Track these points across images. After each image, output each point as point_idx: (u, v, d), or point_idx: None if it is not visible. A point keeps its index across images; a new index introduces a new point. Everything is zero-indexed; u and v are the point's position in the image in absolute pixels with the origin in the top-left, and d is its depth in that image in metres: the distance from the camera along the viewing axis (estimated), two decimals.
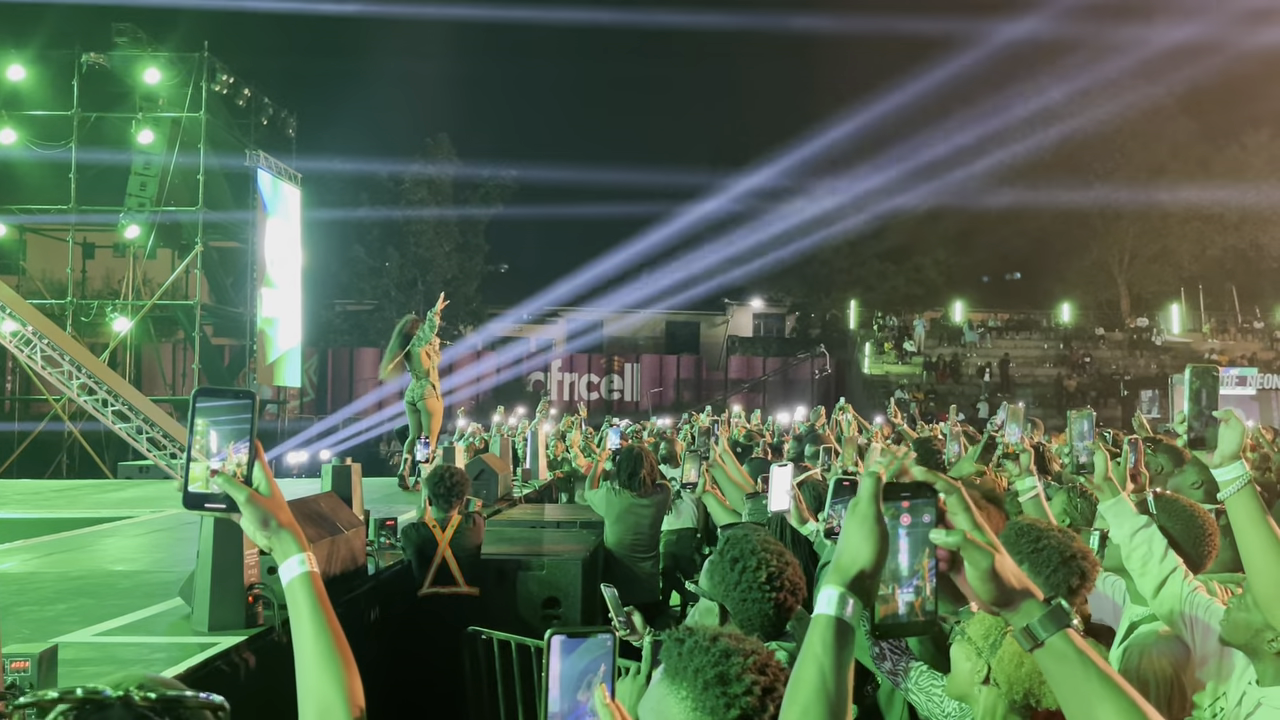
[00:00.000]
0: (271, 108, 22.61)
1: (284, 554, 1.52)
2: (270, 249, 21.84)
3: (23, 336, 14.19)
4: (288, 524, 1.52)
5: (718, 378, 36.40)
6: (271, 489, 1.53)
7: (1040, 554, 2.37)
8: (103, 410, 14.46)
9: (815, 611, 1.23)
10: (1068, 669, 1.25)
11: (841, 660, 1.20)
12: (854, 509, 1.25)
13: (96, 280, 24.40)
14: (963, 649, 2.16)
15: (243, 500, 1.48)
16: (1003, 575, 1.27)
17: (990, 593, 1.26)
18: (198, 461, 1.49)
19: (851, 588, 1.22)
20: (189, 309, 20.60)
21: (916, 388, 34.06)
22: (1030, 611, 1.27)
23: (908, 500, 1.26)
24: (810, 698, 1.18)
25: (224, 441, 1.49)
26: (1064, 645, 1.26)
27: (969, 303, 39.19)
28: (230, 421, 1.49)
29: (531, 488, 10.91)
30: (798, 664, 1.22)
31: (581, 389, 34.36)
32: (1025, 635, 1.27)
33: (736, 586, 2.50)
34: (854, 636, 1.21)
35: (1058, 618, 1.26)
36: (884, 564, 1.23)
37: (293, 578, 1.53)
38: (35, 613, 4.89)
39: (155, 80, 19.69)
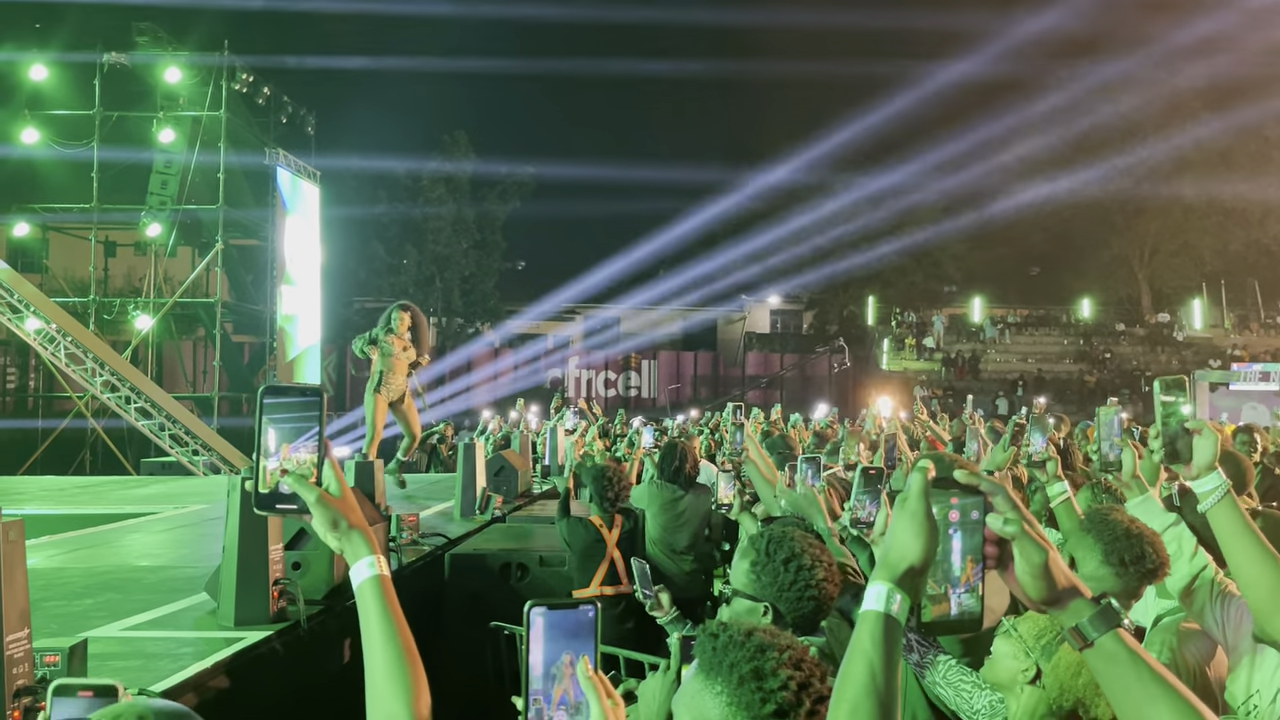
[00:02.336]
0: (291, 106, 22.72)
1: (355, 556, 1.49)
2: (290, 247, 21.96)
3: (46, 334, 14.33)
4: (359, 525, 1.49)
5: (735, 374, 36.37)
6: (342, 489, 1.50)
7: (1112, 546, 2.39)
8: (125, 407, 14.58)
9: (863, 608, 1.22)
10: (1119, 670, 1.23)
11: (891, 656, 1.19)
12: (903, 504, 1.25)
13: (118, 278, 24.59)
14: (1010, 644, 2.13)
15: (313, 501, 1.45)
16: (1054, 572, 1.25)
17: (1041, 590, 1.25)
18: (268, 461, 1.45)
19: (900, 584, 1.21)
20: (209, 306, 20.74)
21: (935, 384, 33.92)
22: (1080, 610, 1.26)
23: (956, 497, 1.25)
24: (860, 694, 1.17)
25: (292, 440, 1.46)
26: (1115, 645, 1.24)
27: (988, 299, 38.97)
28: (298, 420, 1.46)
29: (551, 484, 10.93)
30: (846, 660, 1.21)
31: (599, 386, 34.39)
32: (1075, 635, 1.26)
33: (792, 586, 2.49)
34: (901, 631, 1.21)
35: (1108, 617, 1.25)
36: (933, 560, 1.23)
37: (363, 580, 1.49)
38: (63, 607, 4.93)
39: (176, 79, 19.81)
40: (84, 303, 19.86)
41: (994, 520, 1.25)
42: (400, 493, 10.57)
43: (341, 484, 1.50)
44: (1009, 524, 1.25)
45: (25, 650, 2.83)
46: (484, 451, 8.70)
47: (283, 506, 1.46)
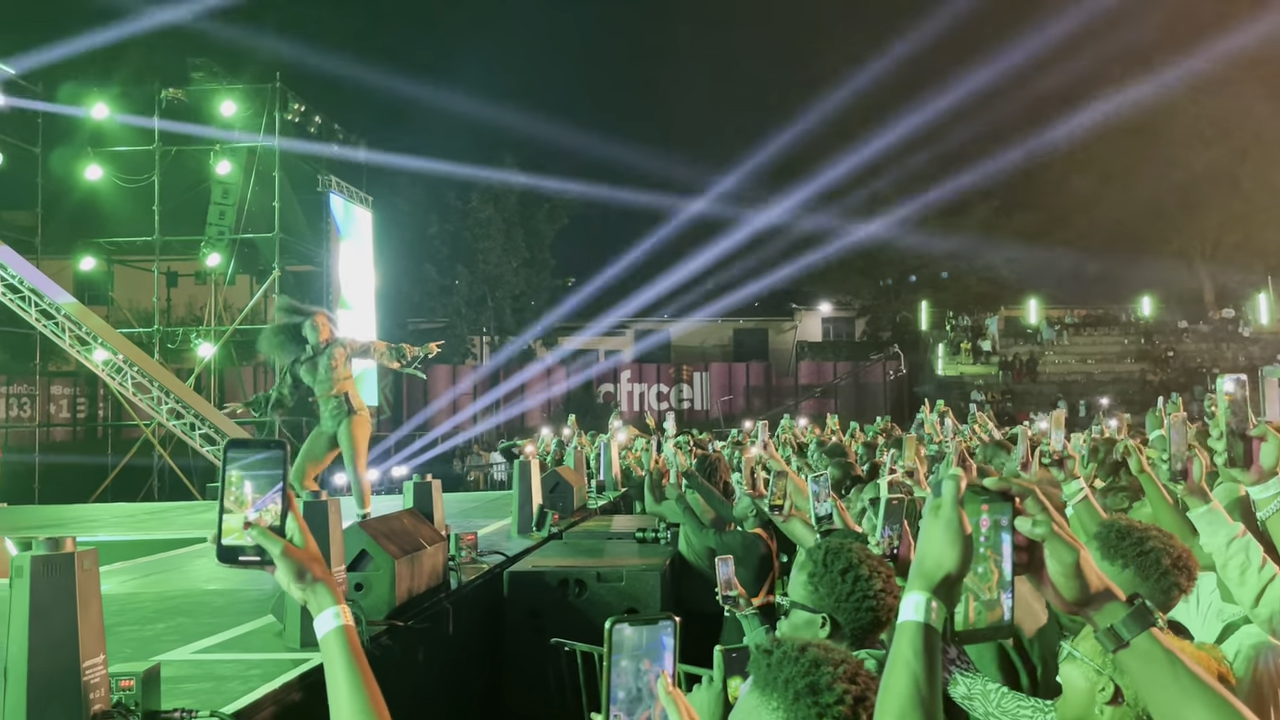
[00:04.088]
0: (342, 134, 23.16)
1: (319, 607, 1.49)
2: (344, 271, 22.35)
3: (113, 364, 14.74)
4: (323, 576, 1.48)
5: (788, 383, 36.17)
6: (306, 540, 1.49)
7: (1146, 556, 2.30)
8: (190, 433, 14.94)
9: (901, 618, 1.23)
10: (1155, 670, 1.23)
11: (932, 666, 1.20)
12: (936, 513, 1.25)
13: (180, 307, 25.20)
14: (1079, 668, 2.04)
15: (277, 553, 1.44)
16: (1086, 573, 1.25)
17: (1074, 591, 1.25)
18: (231, 514, 1.45)
19: (937, 592, 1.22)
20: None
21: (992, 388, 33.43)
22: (1114, 612, 1.26)
23: (986, 504, 1.26)
24: (905, 705, 1.18)
25: (257, 493, 1.45)
26: (1150, 646, 1.23)
27: (1044, 300, 38.33)
28: (262, 473, 1.45)
29: (606, 499, 10.98)
30: (887, 672, 1.22)
31: (651, 399, 34.41)
32: (1109, 636, 1.26)
33: (850, 596, 2.49)
34: (940, 641, 1.22)
35: (1142, 618, 1.24)
36: (968, 568, 1.23)
37: (327, 631, 1.49)
38: (136, 632, 5.07)
39: (231, 112, 20.30)
40: (148, 332, 20.40)
41: (1023, 523, 1.26)
42: (459, 510, 10.70)
43: (306, 536, 1.49)
44: (1038, 525, 1.25)
45: (101, 676, 2.92)
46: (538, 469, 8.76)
47: (246, 559, 1.46)
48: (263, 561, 1.47)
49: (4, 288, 14.43)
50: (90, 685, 2.86)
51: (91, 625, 2.91)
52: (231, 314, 21.78)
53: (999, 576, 1.24)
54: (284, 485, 1.47)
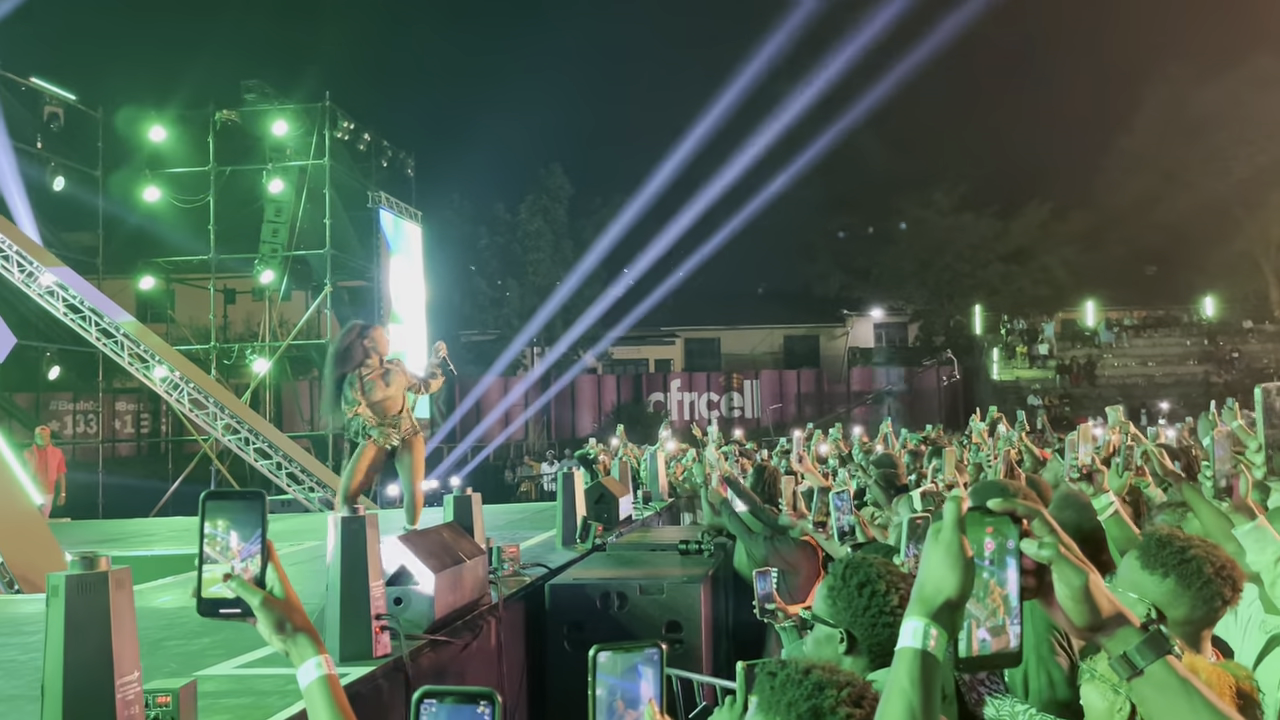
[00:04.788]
0: (390, 150, 23.49)
1: (301, 657, 1.48)
2: (395, 285, 22.63)
3: (171, 381, 15.06)
4: (303, 626, 1.48)
5: (840, 390, 35.83)
6: (286, 591, 1.48)
7: (1188, 565, 2.22)
8: (245, 448, 15.19)
9: (899, 645, 1.19)
10: (1170, 699, 1.17)
11: (929, 695, 1.16)
12: (936, 536, 1.21)
13: (238, 324, 25.71)
14: (1096, 689, 2.01)
15: (257, 604, 1.44)
16: (1096, 597, 1.20)
17: (1083, 615, 1.20)
18: (209, 567, 1.45)
19: (936, 618, 1.17)
20: (321, 348, 21.50)
21: (1049, 392, 32.83)
22: (1127, 638, 1.20)
23: (991, 527, 1.21)
24: None
25: (238, 545, 1.45)
26: (1165, 674, 1.18)
27: (1102, 301, 37.56)
28: (240, 523, 1.45)
29: (653, 510, 10.95)
30: (883, 701, 1.18)
31: (701, 408, 34.31)
32: (1123, 663, 1.20)
33: (866, 611, 2.45)
34: (939, 669, 1.17)
35: (1157, 644, 1.19)
36: (969, 593, 1.18)
37: (310, 681, 1.48)
38: (182, 646, 5.15)
39: (282, 132, 20.69)
40: (205, 349, 20.84)
41: (1029, 545, 1.20)
42: (506, 521, 10.74)
43: (285, 585, 1.49)
44: (1044, 548, 1.20)
45: (136, 693, 2.96)
46: (583, 480, 8.76)
47: (226, 611, 1.45)
48: (243, 614, 1.46)
49: (66, 308, 14.82)
50: (125, 702, 2.90)
51: (126, 642, 2.95)
52: (287, 330, 22.17)
53: (1005, 602, 1.19)
54: (263, 535, 1.47)
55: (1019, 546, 1.21)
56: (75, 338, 15.63)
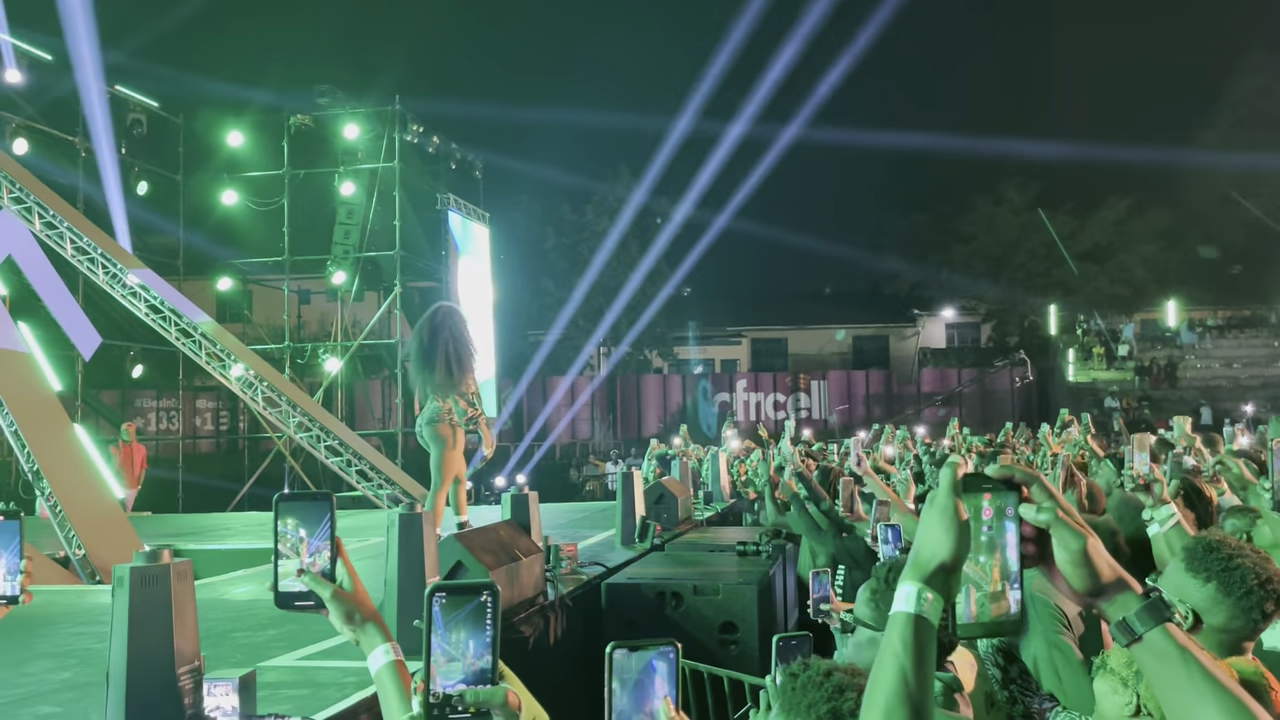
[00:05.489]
0: (459, 152, 23.79)
1: (370, 645, 1.58)
2: (463, 286, 22.93)
3: (246, 380, 15.46)
4: (371, 616, 1.58)
5: (909, 391, 35.33)
6: (354, 584, 1.58)
7: (1232, 573, 2.16)
8: (316, 445, 15.52)
9: (893, 609, 1.18)
10: (1168, 667, 1.15)
11: (922, 658, 1.15)
12: (931, 502, 1.20)
13: (313, 324, 26.28)
14: (1107, 681, 2.01)
15: (328, 596, 1.54)
16: (1095, 561, 1.18)
17: (1083, 580, 1.18)
18: (286, 562, 1.56)
19: (930, 583, 1.16)
20: (391, 347, 21.89)
21: (1128, 394, 31.95)
22: (1127, 603, 1.18)
23: (989, 493, 1.20)
24: (893, 699, 1.13)
25: (306, 541, 1.55)
26: (1164, 641, 1.16)
27: (1183, 301, 36.42)
28: (311, 522, 1.55)
29: (713, 511, 10.93)
30: (876, 664, 1.17)
31: (768, 408, 34.12)
32: (1121, 629, 1.18)
33: None
34: (934, 633, 1.16)
35: (1157, 611, 1.17)
36: (964, 558, 1.17)
37: (380, 667, 1.58)
38: (248, 638, 5.30)
39: (354, 135, 21.10)
40: (280, 349, 21.35)
41: (1027, 510, 1.19)
42: (568, 520, 10.81)
43: (354, 578, 1.58)
44: (1042, 512, 1.19)
45: (197, 681, 3.07)
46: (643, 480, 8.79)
47: (301, 604, 1.56)
48: (316, 605, 1.56)
49: (147, 308, 15.31)
50: (185, 690, 3.01)
51: (186, 633, 3.05)
52: (360, 330, 22.60)
53: (1004, 568, 1.18)
54: (332, 533, 1.57)
55: (1018, 512, 1.20)
56: (158, 337, 16.13)
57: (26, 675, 4.60)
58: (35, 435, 10.41)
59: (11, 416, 10.54)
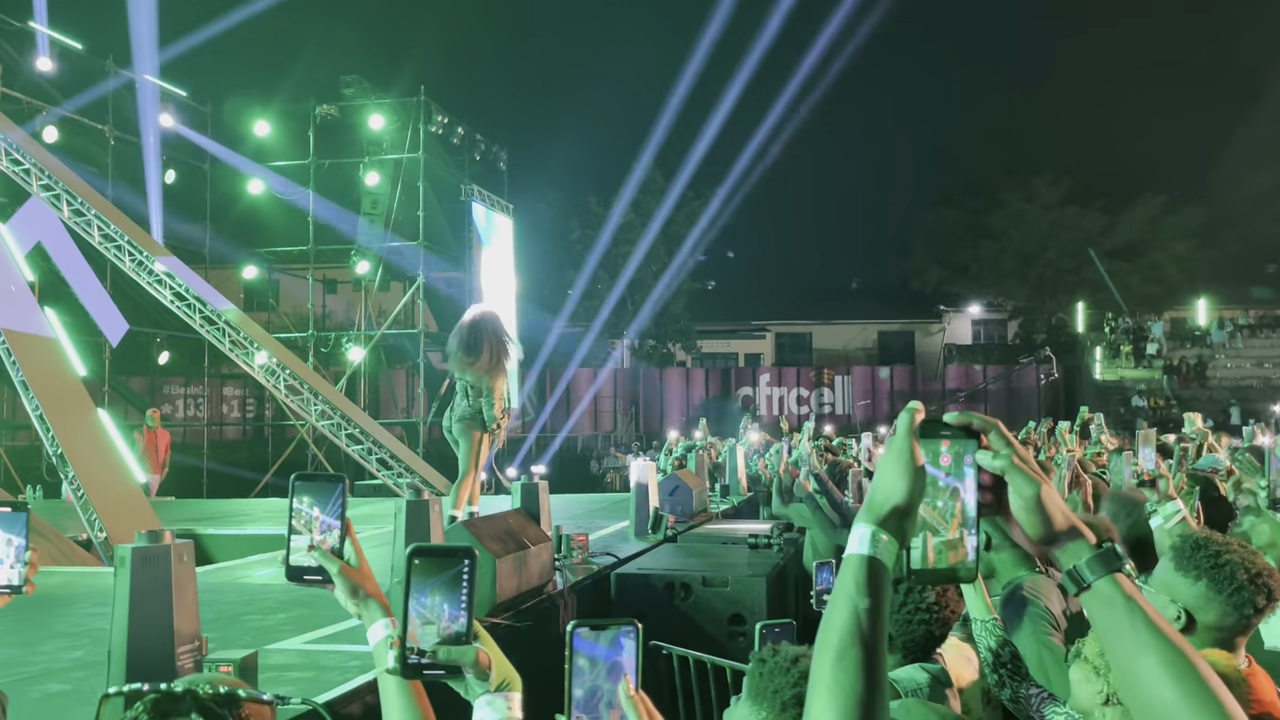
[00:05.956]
0: (483, 144, 23.85)
1: (371, 619, 1.63)
2: (486, 277, 23.00)
3: (268, 368, 15.59)
4: (374, 593, 1.65)
5: (934, 388, 35.09)
6: (360, 562, 1.65)
7: (1221, 570, 2.14)
8: (337, 433, 15.63)
9: (847, 551, 1.17)
10: (1113, 615, 1.13)
11: (877, 601, 1.13)
12: (889, 446, 1.19)
13: (339, 313, 26.46)
14: (1081, 669, 2.01)
15: (335, 572, 1.61)
16: (1048, 508, 1.17)
17: (1036, 527, 1.17)
18: (298, 537, 1.63)
19: (884, 525, 1.15)
20: (414, 337, 22.00)
21: (1156, 393, 31.59)
22: (1079, 552, 1.16)
23: (947, 439, 1.19)
24: (846, 640, 1.11)
25: (319, 519, 1.62)
26: (1111, 590, 1.14)
27: (1214, 300, 35.93)
28: (324, 502, 1.62)
29: (729, 504, 10.92)
30: (829, 606, 1.16)
31: (791, 403, 34.02)
32: (1071, 578, 1.17)
33: (902, 608, 2.44)
34: (889, 576, 1.15)
35: (1108, 561, 1.15)
36: (919, 501, 1.16)
37: (379, 639, 1.62)
38: (258, 621, 5.35)
39: (379, 126, 21.20)
40: (304, 337, 21.52)
41: (984, 457, 1.18)
42: (584, 510, 10.84)
43: (360, 556, 1.65)
44: (998, 458, 1.18)
45: (196, 661, 3.10)
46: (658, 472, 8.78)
47: (309, 578, 1.63)
48: (324, 580, 1.63)
49: (172, 295, 15.46)
50: (183, 669, 3.04)
51: (187, 613, 3.08)
52: (385, 320, 22.73)
53: (962, 514, 1.18)
54: (342, 513, 1.64)
55: (976, 460, 1.19)
56: (185, 325, 16.28)
57: (39, 654, 4.67)
58: (60, 419, 10.55)
59: (37, 401, 10.68)
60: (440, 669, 1.48)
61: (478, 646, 1.47)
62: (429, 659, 1.43)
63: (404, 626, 1.43)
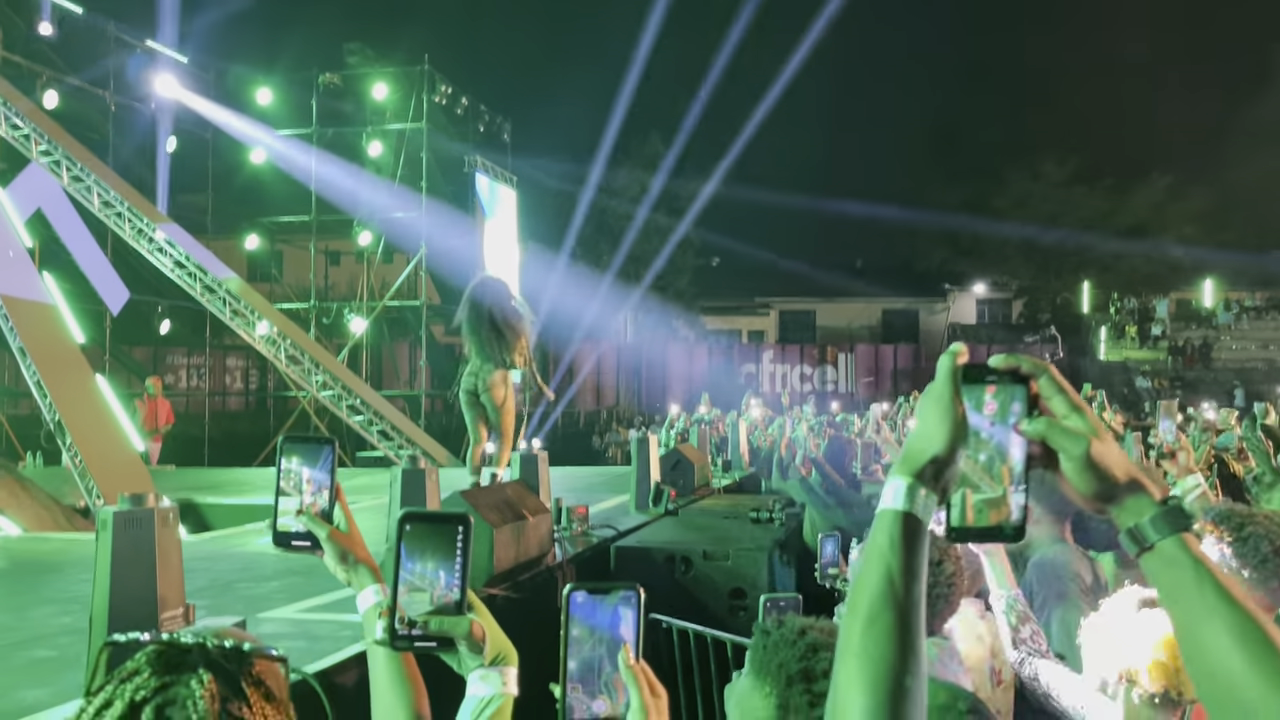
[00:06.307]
0: (487, 114, 23.64)
1: (360, 585, 1.59)
2: (489, 249, 22.87)
3: (269, 338, 15.51)
4: (364, 559, 1.60)
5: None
6: (350, 527, 1.61)
7: (1245, 542, 2.06)
8: (338, 404, 15.58)
9: (880, 506, 1.05)
10: (1179, 575, 1.02)
11: (913, 561, 1.02)
12: (927, 392, 1.08)
13: (342, 285, 26.32)
14: None
15: (324, 537, 1.57)
16: (1102, 463, 1.04)
17: (1089, 484, 1.05)
18: (286, 501, 1.58)
19: (921, 478, 1.04)
20: (416, 309, 21.89)
21: (1160, 374, 31.47)
22: (1140, 509, 1.04)
23: (993, 385, 1.07)
24: (877, 602, 1.00)
25: (308, 483, 1.58)
26: (1177, 550, 1.02)
27: (1221, 281, 35.72)
28: (313, 466, 1.58)
29: (732, 478, 10.85)
30: (860, 566, 1.04)
31: (794, 380, 33.93)
32: (1131, 537, 1.05)
33: None
34: (925, 533, 1.03)
35: (1174, 518, 1.03)
36: (959, 452, 1.05)
37: (369, 606, 1.58)
38: (251, 589, 5.28)
39: (382, 95, 21.00)
40: (306, 308, 21.41)
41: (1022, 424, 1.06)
42: (585, 484, 10.76)
43: (350, 521, 1.60)
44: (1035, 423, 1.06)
45: (179, 627, 3.01)
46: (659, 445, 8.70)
47: (298, 543, 1.58)
48: (312, 546, 1.58)
49: (173, 264, 15.36)
50: None
51: (171, 579, 3.00)
52: (386, 291, 22.61)
53: (1009, 469, 1.06)
54: (332, 477, 1.59)
55: (1024, 410, 1.07)
56: (187, 294, 16.19)
57: (27, 619, 4.60)
58: (57, 386, 10.48)
59: (35, 367, 10.61)
60: (432, 640, 1.41)
61: (472, 618, 1.40)
62: (420, 630, 1.36)
63: (394, 595, 1.36)
